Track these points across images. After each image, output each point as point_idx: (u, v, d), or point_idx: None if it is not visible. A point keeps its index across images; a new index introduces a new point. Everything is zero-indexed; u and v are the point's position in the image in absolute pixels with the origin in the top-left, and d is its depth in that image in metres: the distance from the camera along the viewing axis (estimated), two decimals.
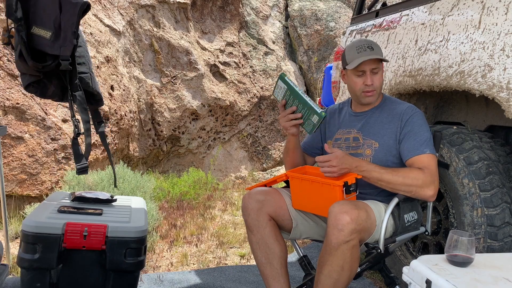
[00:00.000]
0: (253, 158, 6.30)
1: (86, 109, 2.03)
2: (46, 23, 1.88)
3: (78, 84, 2.00)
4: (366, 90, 1.86)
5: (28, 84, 2.01)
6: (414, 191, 1.70)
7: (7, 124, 3.40)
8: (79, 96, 2.00)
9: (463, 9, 2.06)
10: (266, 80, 6.39)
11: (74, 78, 1.99)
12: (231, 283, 2.57)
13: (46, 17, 1.88)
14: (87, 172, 2.06)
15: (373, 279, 2.65)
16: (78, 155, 2.04)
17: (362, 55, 1.82)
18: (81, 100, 2.00)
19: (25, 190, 3.48)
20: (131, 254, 1.84)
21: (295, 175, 1.82)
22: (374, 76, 1.85)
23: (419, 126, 1.80)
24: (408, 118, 1.82)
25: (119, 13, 5.00)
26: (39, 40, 1.88)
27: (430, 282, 1.16)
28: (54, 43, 1.88)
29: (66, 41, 1.88)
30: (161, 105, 5.32)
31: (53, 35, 1.88)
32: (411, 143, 1.77)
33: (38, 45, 1.88)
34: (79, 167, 2.02)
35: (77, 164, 2.02)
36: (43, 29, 1.88)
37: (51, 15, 1.88)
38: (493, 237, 1.85)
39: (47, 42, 1.88)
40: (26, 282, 1.78)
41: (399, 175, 1.70)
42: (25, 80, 2.02)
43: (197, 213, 4.16)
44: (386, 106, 1.91)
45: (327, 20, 6.80)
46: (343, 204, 1.58)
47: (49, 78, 2.01)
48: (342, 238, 1.52)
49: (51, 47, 1.88)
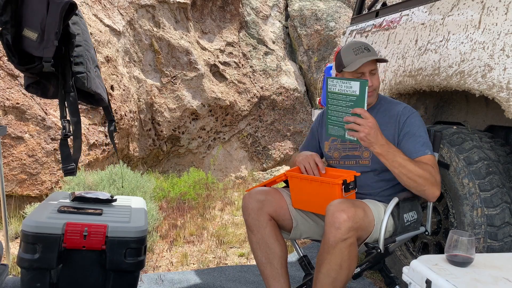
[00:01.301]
0: (253, 158, 6.30)
1: (77, 110, 2.01)
2: (33, 25, 1.87)
3: (71, 84, 1.98)
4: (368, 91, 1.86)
5: (27, 84, 2.01)
6: (427, 187, 1.68)
7: (7, 124, 3.40)
8: (71, 97, 1.98)
9: (463, 9, 2.06)
10: (266, 80, 6.39)
11: (68, 78, 1.97)
12: (231, 283, 2.57)
13: (35, 18, 1.88)
14: (75, 174, 2.03)
15: (373, 279, 2.65)
16: (65, 157, 2.01)
17: (361, 57, 1.81)
18: (72, 100, 1.98)
19: (25, 190, 3.48)
20: (131, 254, 1.84)
21: (294, 174, 1.82)
22: (372, 77, 1.85)
23: (417, 127, 1.80)
24: (405, 119, 1.82)
25: (119, 13, 5.00)
26: (27, 42, 1.88)
27: (430, 282, 1.16)
28: (40, 44, 1.86)
29: (48, 42, 1.86)
30: (161, 105, 5.32)
31: (39, 37, 1.86)
32: (412, 144, 1.77)
33: (26, 47, 1.88)
34: (65, 169, 2.00)
35: (63, 166, 2.00)
36: (31, 30, 1.87)
37: (38, 16, 1.87)
38: (493, 237, 1.85)
39: (33, 43, 1.87)
40: (26, 282, 1.78)
41: (420, 166, 1.68)
42: (25, 80, 2.02)
43: (197, 213, 4.16)
44: (382, 107, 1.91)
45: (327, 20, 6.80)
46: (340, 202, 1.58)
47: (48, 79, 2.00)
48: (340, 236, 1.52)
49: (36, 48, 1.87)
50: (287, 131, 6.48)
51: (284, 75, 6.57)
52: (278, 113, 6.45)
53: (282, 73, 6.57)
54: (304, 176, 1.79)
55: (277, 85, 6.42)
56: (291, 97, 6.50)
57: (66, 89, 1.98)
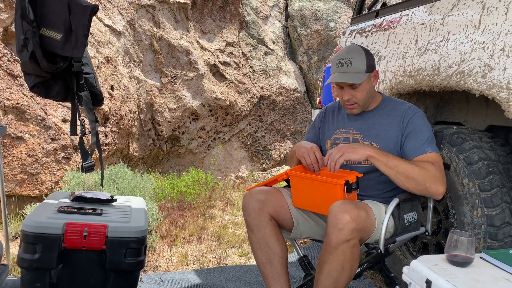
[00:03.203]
0: (253, 158, 6.30)
1: (92, 109, 2.05)
2: (55, 25, 1.89)
3: (83, 84, 2.02)
4: (347, 104, 1.86)
5: (33, 85, 2.02)
6: (428, 184, 1.66)
7: (7, 124, 3.40)
8: (85, 97, 2.02)
9: (463, 9, 2.05)
10: (266, 80, 6.39)
11: (80, 79, 2.01)
12: (231, 283, 2.57)
13: (56, 19, 1.90)
14: (93, 170, 2.10)
15: (373, 279, 2.65)
16: (85, 154, 2.07)
17: (339, 71, 1.81)
18: (87, 100, 2.02)
19: (25, 190, 3.48)
20: (131, 254, 1.84)
21: (295, 173, 1.81)
22: (353, 91, 1.81)
23: (420, 126, 1.79)
24: (409, 119, 1.81)
25: (119, 13, 5.00)
26: (49, 41, 1.89)
27: (430, 282, 1.16)
28: (65, 44, 1.89)
29: (78, 43, 1.90)
30: (161, 105, 5.32)
31: (63, 37, 1.89)
32: (414, 143, 1.76)
33: (48, 46, 1.89)
34: (86, 165, 2.05)
35: (84, 163, 2.05)
36: (52, 30, 1.89)
37: (60, 17, 1.89)
38: (493, 237, 1.85)
39: (58, 44, 1.89)
40: (26, 282, 1.78)
41: (415, 164, 1.68)
42: (30, 81, 2.01)
43: (197, 213, 4.16)
44: (386, 107, 1.90)
45: (327, 20, 6.80)
46: (343, 203, 1.58)
47: (55, 79, 2.02)
48: (342, 238, 1.51)
49: (62, 48, 1.89)
50: (287, 131, 6.48)
51: (284, 75, 6.57)
52: (278, 113, 6.45)
53: (282, 73, 6.57)
54: (306, 175, 1.78)
55: (277, 85, 6.42)
56: (291, 97, 6.49)
57: (79, 89, 2.01)
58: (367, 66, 1.81)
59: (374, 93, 1.89)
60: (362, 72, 1.80)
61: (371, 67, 1.83)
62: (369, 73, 1.82)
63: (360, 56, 1.81)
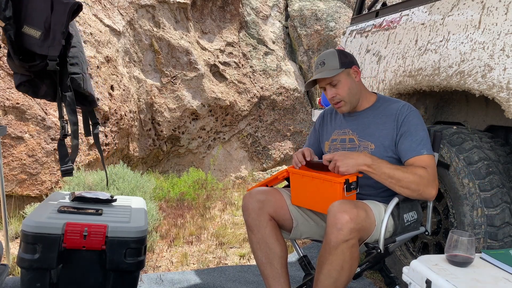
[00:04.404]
0: (253, 158, 6.30)
1: (74, 111, 2.01)
2: (36, 23, 1.87)
3: (68, 84, 1.98)
4: (333, 102, 1.90)
5: (19, 83, 2.00)
6: (422, 190, 1.68)
7: (7, 124, 3.40)
8: (68, 97, 1.98)
9: (463, 9, 2.06)
10: (266, 80, 6.39)
11: (65, 79, 1.97)
12: (231, 283, 2.57)
13: (37, 16, 1.88)
14: (72, 175, 2.04)
15: (373, 279, 2.65)
16: (63, 157, 2.02)
17: (316, 73, 1.88)
18: (70, 101, 1.98)
19: (25, 190, 3.48)
20: (131, 254, 1.84)
21: (296, 171, 1.81)
22: (333, 88, 1.87)
23: (415, 126, 1.78)
24: (404, 118, 1.80)
25: (119, 13, 5.00)
26: (29, 39, 1.87)
27: (430, 282, 1.16)
28: (44, 43, 1.87)
29: (54, 41, 1.86)
30: (161, 105, 5.32)
31: (42, 35, 1.86)
32: (408, 143, 1.76)
33: (27, 44, 1.87)
34: (63, 169, 2.01)
35: (62, 166, 2.01)
36: (33, 28, 1.87)
37: (42, 15, 1.87)
38: (493, 237, 1.85)
39: (36, 41, 1.87)
40: (26, 282, 1.78)
41: (409, 172, 1.68)
42: (16, 79, 2.00)
43: (197, 213, 4.16)
44: (380, 106, 1.90)
45: (327, 20, 6.80)
46: (342, 203, 1.58)
47: (41, 78, 1.99)
48: (342, 237, 1.52)
49: (40, 46, 1.87)
50: (287, 131, 6.48)
51: (284, 75, 6.57)
52: (278, 113, 6.45)
53: (282, 73, 6.57)
54: (306, 172, 1.78)
55: (277, 85, 6.42)
56: (291, 97, 6.50)
57: (63, 89, 1.98)
58: (341, 63, 1.85)
59: (359, 89, 1.91)
60: (336, 68, 1.84)
61: (346, 63, 1.87)
62: (345, 69, 1.86)
63: (333, 56, 1.87)
